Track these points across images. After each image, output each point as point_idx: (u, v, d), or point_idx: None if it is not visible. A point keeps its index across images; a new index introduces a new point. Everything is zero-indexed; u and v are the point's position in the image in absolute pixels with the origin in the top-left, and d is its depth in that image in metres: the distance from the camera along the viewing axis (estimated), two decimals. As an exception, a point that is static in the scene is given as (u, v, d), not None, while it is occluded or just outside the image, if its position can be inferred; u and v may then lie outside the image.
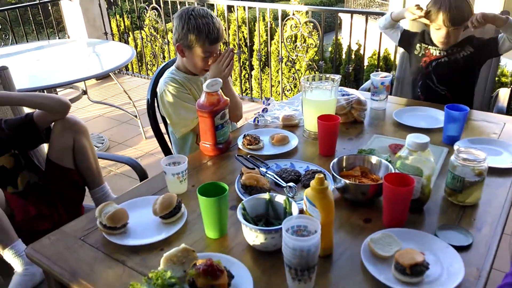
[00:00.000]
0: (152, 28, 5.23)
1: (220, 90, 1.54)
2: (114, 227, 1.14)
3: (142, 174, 1.84)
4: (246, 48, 5.15)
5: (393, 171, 1.24)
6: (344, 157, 1.35)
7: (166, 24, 4.76)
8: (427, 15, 1.96)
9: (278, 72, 4.68)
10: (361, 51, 5.40)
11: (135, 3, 4.81)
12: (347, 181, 1.23)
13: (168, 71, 1.87)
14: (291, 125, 1.81)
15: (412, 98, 2.18)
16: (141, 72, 5.32)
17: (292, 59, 4.30)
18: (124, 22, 5.32)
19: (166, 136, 2.02)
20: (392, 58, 5.74)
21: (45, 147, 1.90)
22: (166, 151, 1.99)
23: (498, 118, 1.84)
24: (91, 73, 3.06)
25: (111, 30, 5.31)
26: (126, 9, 5.34)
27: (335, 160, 1.33)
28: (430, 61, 2.08)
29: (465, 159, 1.22)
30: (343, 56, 5.82)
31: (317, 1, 18.35)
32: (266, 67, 5.00)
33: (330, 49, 4.65)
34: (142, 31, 5.20)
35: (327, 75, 1.68)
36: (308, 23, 4.05)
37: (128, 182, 3.01)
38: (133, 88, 4.87)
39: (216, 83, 1.50)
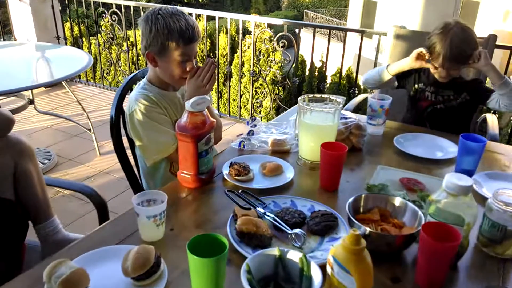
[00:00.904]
0: (110, 33, 4.85)
1: (207, 110, 1.27)
2: (69, 296, 0.84)
3: (100, 205, 1.51)
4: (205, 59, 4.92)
5: (422, 218, 1.02)
6: (362, 196, 1.12)
7: (127, 31, 4.40)
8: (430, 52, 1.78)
9: (238, 86, 4.46)
10: (324, 68, 5.37)
11: (92, 7, 4.42)
12: (368, 229, 1.00)
13: (138, 85, 1.57)
14: (281, 151, 1.56)
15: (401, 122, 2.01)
16: (96, 81, 4.90)
17: (255, 73, 4.02)
18: (79, 26, 4.90)
19: (132, 160, 1.70)
20: (355, 77, 5.72)
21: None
22: (133, 180, 1.67)
23: (504, 148, 1.69)
24: (40, 81, 2.68)
25: (64, 34, 4.87)
26: (82, 12, 4.93)
27: (350, 200, 1.09)
28: (425, 106, 1.92)
29: (508, 203, 1.02)
30: (307, 73, 5.74)
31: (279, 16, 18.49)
32: (227, 80, 4.76)
33: (292, 65, 4.50)
34: (99, 36, 4.80)
35: (327, 96, 1.46)
36: (274, 38, 3.82)
37: (79, 205, 2.63)
38: (86, 98, 4.45)
39: (203, 101, 1.23)
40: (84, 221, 2.47)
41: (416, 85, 1.95)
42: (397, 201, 1.10)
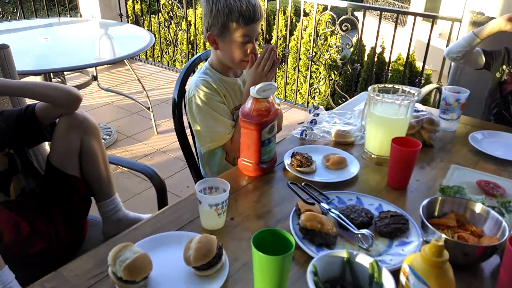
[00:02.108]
0: (170, 12, 4.89)
1: (272, 97, 1.22)
2: (132, 281, 0.83)
3: (160, 186, 1.52)
4: (263, 42, 4.83)
5: (506, 228, 0.93)
6: (439, 199, 1.03)
7: (187, 10, 4.41)
8: None
9: (294, 70, 4.34)
10: (384, 55, 5.12)
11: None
12: (444, 236, 0.92)
13: (200, 69, 1.54)
14: (345, 142, 1.49)
15: (480, 119, 1.87)
16: (154, 60, 4.99)
17: (311, 57, 3.87)
18: (141, 4, 4.98)
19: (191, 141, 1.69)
20: (417, 65, 5.42)
21: (46, 146, 1.60)
22: (191, 163, 1.66)
23: None
24: (104, 58, 2.74)
25: (127, 12, 4.97)
26: (143, -10, 4.99)
27: (425, 202, 1.01)
28: (510, 90, 1.77)
29: None
30: (365, 59, 5.51)
31: None
32: (283, 63, 4.65)
33: (352, 50, 4.33)
34: (159, 15, 4.85)
35: (399, 87, 1.36)
36: (337, 20, 3.66)
37: (136, 183, 2.70)
38: (146, 76, 4.54)
39: (270, 87, 1.18)
40: (141, 199, 2.54)
41: (504, 66, 1.79)
42: (478, 207, 1.01)
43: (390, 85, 1.37)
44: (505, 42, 1.91)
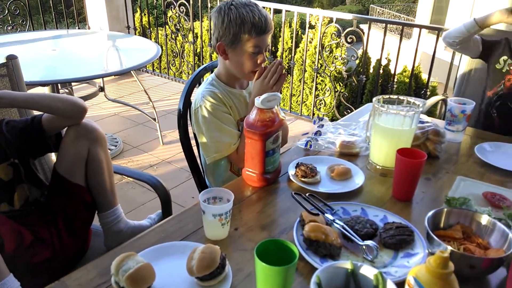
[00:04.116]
0: (177, 25, 4.94)
1: (276, 107, 1.23)
2: (134, 291, 0.83)
3: (164, 197, 1.52)
4: (268, 54, 4.87)
5: (513, 240, 0.92)
6: (444, 210, 1.03)
7: (193, 23, 4.46)
8: None
9: (300, 81, 4.36)
10: (390, 67, 5.12)
11: (161, -3, 4.53)
12: (450, 248, 0.91)
13: (206, 80, 1.55)
14: (350, 153, 1.49)
15: (483, 118, 1.84)
16: (161, 71, 5.03)
17: (318, 69, 3.89)
18: (148, 16, 5.04)
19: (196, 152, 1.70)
20: (423, 77, 5.42)
21: (53, 156, 1.61)
22: (196, 173, 1.67)
23: None
24: (111, 69, 2.77)
25: (134, 24, 5.03)
26: (151, 3, 5.06)
27: (430, 213, 1.00)
28: None
29: None
30: (371, 70, 5.52)
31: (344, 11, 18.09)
32: (288, 75, 4.68)
33: (357, 61, 4.35)
34: (166, 27, 4.91)
35: (404, 98, 1.36)
36: (342, 33, 3.68)
37: (141, 193, 2.70)
38: (152, 88, 4.58)
39: (275, 98, 1.18)
40: (146, 209, 2.54)
41: (505, 57, 1.78)
42: (484, 219, 1.00)
43: (395, 96, 1.37)
44: (506, 33, 1.91)
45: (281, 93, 4.61)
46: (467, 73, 2.28)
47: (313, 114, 4.04)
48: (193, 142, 1.65)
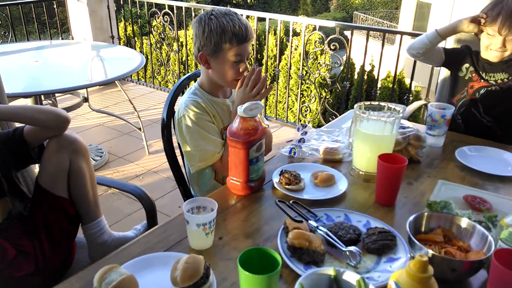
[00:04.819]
0: (162, 34, 4.94)
1: (259, 116, 1.24)
2: (118, 304, 0.82)
3: (149, 207, 1.51)
4: (253, 62, 4.89)
5: (492, 243, 0.93)
6: (425, 214, 1.04)
7: (178, 31, 4.46)
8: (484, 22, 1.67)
9: (285, 89, 4.39)
10: (374, 72, 5.19)
11: (146, 7, 4.52)
12: (431, 251, 0.92)
13: (189, 90, 1.55)
14: (333, 160, 1.50)
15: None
16: (146, 80, 5.02)
17: (303, 75, 3.93)
18: (132, 26, 5.03)
19: (181, 161, 1.69)
20: (407, 82, 5.50)
21: (35, 169, 1.59)
22: (181, 182, 1.66)
23: None
24: (95, 80, 2.76)
25: (118, 34, 5.02)
26: (135, 12, 5.05)
27: (411, 218, 1.01)
28: (478, 88, 1.78)
29: None
30: (355, 77, 5.58)
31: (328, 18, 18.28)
32: (274, 82, 4.72)
33: (341, 68, 4.39)
34: (151, 36, 4.91)
35: (385, 104, 1.38)
36: (325, 40, 3.72)
37: (128, 204, 2.68)
38: (138, 97, 4.56)
39: (256, 107, 1.19)
40: (131, 220, 2.52)
41: (466, 64, 1.83)
42: (464, 222, 1.01)
43: (376, 103, 1.39)
44: (466, 42, 1.95)
45: (267, 100, 4.63)
46: (447, 78, 2.32)
47: (299, 120, 4.06)
48: (177, 151, 1.65)
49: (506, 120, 1.78)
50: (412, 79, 3.37)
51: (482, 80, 1.78)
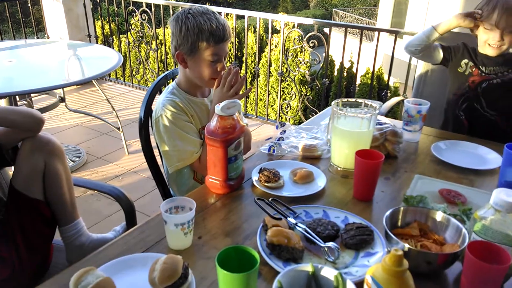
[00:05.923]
0: (140, 32, 4.88)
1: (237, 114, 1.23)
2: (94, 307, 0.81)
3: (128, 208, 1.50)
4: (233, 59, 4.88)
5: (466, 235, 0.95)
6: (401, 209, 1.06)
7: (156, 30, 4.42)
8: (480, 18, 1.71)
9: (266, 86, 4.40)
10: (353, 69, 5.24)
11: (123, 5, 4.46)
12: (407, 245, 0.93)
13: (167, 89, 1.54)
14: (312, 156, 1.51)
15: (452, 122, 1.91)
16: (125, 79, 4.95)
17: (283, 73, 3.96)
18: (110, 24, 4.96)
19: (159, 161, 1.68)
20: (385, 78, 5.57)
21: (10, 171, 1.55)
22: (160, 182, 1.65)
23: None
24: (72, 79, 2.70)
25: (95, 33, 4.94)
26: (112, 10, 4.98)
27: (388, 213, 1.03)
28: (479, 82, 1.80)
29: None
30: (335, 74, 5.62)
31: (307, 16, 18.33)
32: (254, 79, 4.72)
33: (321, 65, 4.42)
34: (129, 35, 4.84)
35: (362, 100, 1.40)
36: (304, 37, 3.74)
37: (106, 205, 2.64)
38: (116, 96, 4.50)
39: (234, 105, 1.19)
40: (111, 221, 2.49)
41: (465, 60, 1.85)
42: (439, 215, 1.03)
43: (353, 99, 1.40)
44: (462, 38, 1.98)
45: (248, 98, 4.62)
46: (423, 74, 2.36)
47: (280, 118, 4.07)
48: (156, 151, 1.64)
49: (509, 112, 1.80)
50: (389, 75, 3.41)
51: (483, 74, 1.80)
